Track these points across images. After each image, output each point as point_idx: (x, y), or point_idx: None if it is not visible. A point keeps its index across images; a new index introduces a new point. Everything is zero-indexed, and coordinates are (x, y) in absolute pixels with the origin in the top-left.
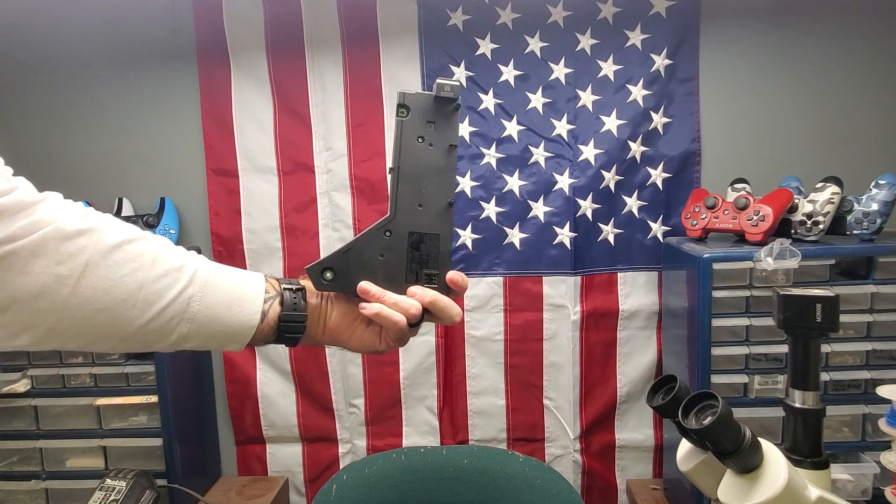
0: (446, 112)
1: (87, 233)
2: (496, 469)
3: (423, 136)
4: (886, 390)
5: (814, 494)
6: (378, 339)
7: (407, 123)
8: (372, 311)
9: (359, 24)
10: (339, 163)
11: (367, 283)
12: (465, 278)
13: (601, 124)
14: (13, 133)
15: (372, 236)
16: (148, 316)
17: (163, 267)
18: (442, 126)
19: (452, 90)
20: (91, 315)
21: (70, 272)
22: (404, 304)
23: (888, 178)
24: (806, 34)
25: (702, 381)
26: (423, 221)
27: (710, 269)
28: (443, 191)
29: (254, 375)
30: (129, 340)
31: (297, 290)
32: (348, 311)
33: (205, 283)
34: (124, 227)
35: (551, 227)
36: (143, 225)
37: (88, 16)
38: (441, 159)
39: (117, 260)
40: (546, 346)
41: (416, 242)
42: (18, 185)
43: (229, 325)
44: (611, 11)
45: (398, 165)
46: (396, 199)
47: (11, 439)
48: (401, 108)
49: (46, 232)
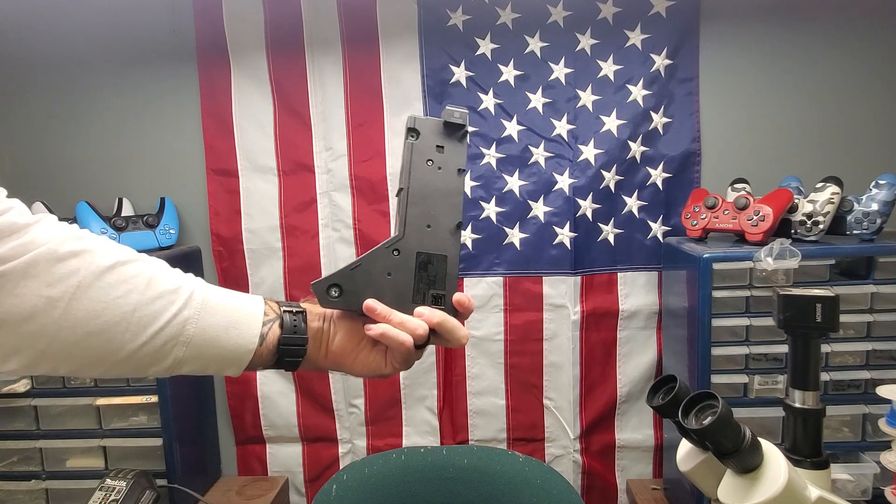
0: (455, 137)
1: (79, 254)
2: (496, 469)
3: (432, 160)
4: (886, 390)
5: (814, 494)
6: (384, 362)
7: (416, 147)
8: (378, 330)
9: (359, 24)
10: (339, 163)
11: (373, 302)
12: (472, 301)
13: (601, 124)
14: (13, 133)
15: (380, 254)
16: (142, 339)
17: (157, 289)
18: (451, 151)
19: (462, 117)
20: (83, 338)
21: (61, 294)
22: (411, 325)
23: (888, 178)
24: (806, 34)
25: (702, 381)
26: (432, 242)
27: (710, 269)
28: (450, 213)
29: (254, 375)
30: (123, 364)
31: (298, 313)
32: (353, 333)
33: (201, 306)
34: (119, 249)
35: (551, 227)
36: (143, 225)
37: (88, 16)
38: (449, 182)
39: (110, 282)
40: (546, 346)
41: (423, 263)
42: (13, 206)
43: (227, 349)
44: (611, 11)
45: (407, 186)
46: (406, 218)
47: (11, 439)
48: (411, 132)
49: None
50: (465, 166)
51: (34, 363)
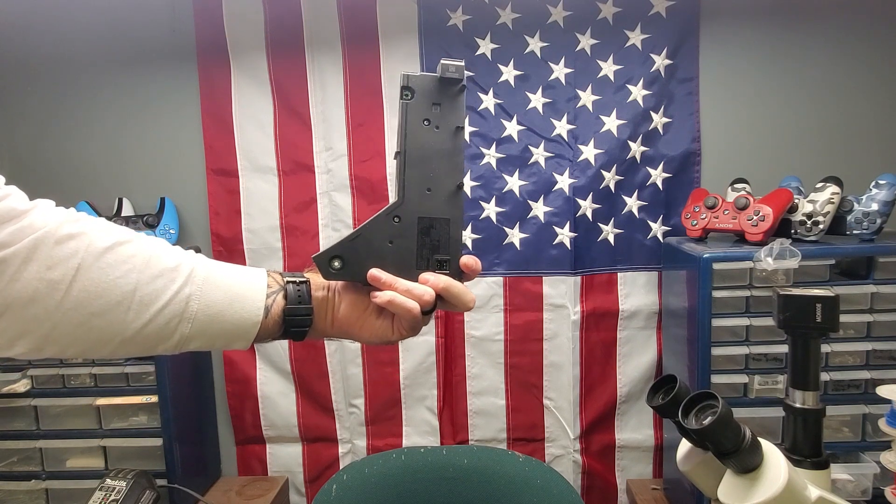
0: (451, 93)
1: (77, 236)
2: (496, 469)
3: (428, 119)
4: (886, 390)
5: (814, 494)
6: (391, 329)
7: (412, 106)
8: (384, 298)
9: (359, 24)
10: (339, 163)
11: (377, 271)
12: (479, 262)
13: (601, 124)
14: (13, 133)
15: (380, 222)
16: (145, 318)
17: (157, 267)
18: (448, 108)
19: (457, 70)
20: (86, 319)
21: (62, 277)
22: (417, 291)
23: (888, 178)
24: (806, 34)
25: (702, 381)
26: (433, 206)
27: (710, 269)
28: (451, 174)
29: (254, 375)
30: (129, 344)
31: (301, 283)
32: (358, 301)
33: (203, 282)
34: (117, 229)
35: (551, 227)
36: (143, 225)
37: (88, 16)
38: (448, 142)
39: (109, 262)
40: (546, 346)
41: (425, 228)
42: (10, 192)
43: (232, 323)
44: (611, 11)
45: (404, 149)
46: (404, 183)
47: (11, 439)
48: (405, 91)
49: (37, 237)
50: (463, 123)
51: (40, 346)
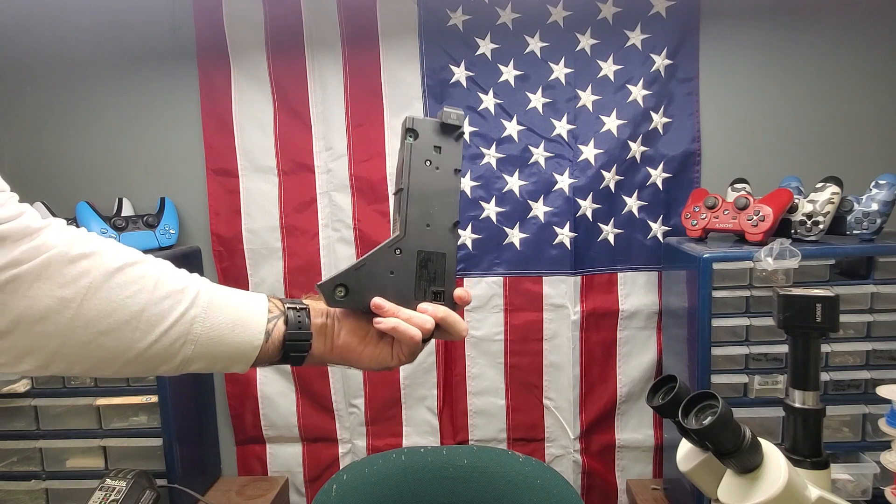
0: (452, 138)
1: (89, 256)
2: (496, 469)
3: (430, 160)
4: (886, 390)
5: (814, 494)
6: (390, 355)
7: (415, 147)
8: (389, 325)
9: (359, 24)
10: (339, 163)
11: (380, 299)
12: (470, 294)
13: (601, 124)
14: (13, 133)
15: (383, 254)
16: (151, 338)
17: (165, 289)
18: (448, 151)
19: (458, 118)
20: (95, 338)
21: (74, 295)
22: (418, 320)
23: (888, 178)
24: (806, 34)
25: (702, 381)
26: (431, 241)
27: (710, 269)
28: (448, 212)
29: (254, 375)
30: (134, 363)
31: (301, 310)
32: (358, 328)
33: (208, 305)
34: (127, 250)
35: (551, 227)
36: (143, 225)
37: (88, 16)
38: (447, 182)
39: (120, 282)
40: (546, 346)
41: (424, 261)
42: (24, 210)
43: (234, 346)
44: (611, 11)
45: (407, 186)
46: (406, 218)
47: (11, 439)
48: (409, 133)
49: (50, 255)
50: (460, 166)
51: (47, 363)
